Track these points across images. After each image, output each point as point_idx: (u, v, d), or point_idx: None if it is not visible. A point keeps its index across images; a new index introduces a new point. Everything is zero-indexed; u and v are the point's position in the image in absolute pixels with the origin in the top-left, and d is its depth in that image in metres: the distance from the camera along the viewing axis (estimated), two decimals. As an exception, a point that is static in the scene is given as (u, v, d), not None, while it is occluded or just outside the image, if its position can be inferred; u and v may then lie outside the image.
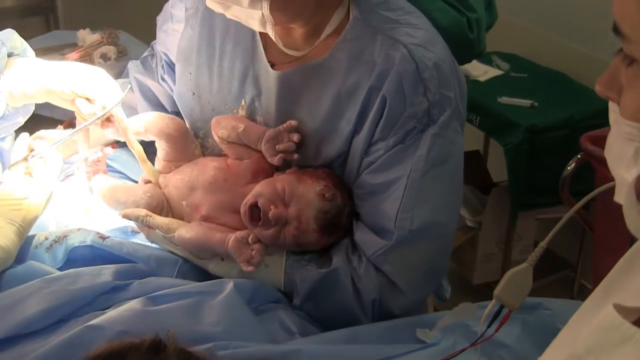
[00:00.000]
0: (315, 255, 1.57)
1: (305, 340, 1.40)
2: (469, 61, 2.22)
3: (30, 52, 1.60)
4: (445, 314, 1.43)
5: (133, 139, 1.64)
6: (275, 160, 1.58)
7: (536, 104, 3.01)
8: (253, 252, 1.50)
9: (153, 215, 1.60)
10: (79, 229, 1.56)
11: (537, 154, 2.89)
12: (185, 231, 1.57)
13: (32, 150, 1.56)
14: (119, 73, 2.23)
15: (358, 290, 1.50)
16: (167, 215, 1.63)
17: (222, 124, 1.65)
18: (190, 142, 1.72)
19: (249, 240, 1.51)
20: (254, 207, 1.52)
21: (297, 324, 1.45)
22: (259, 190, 1.54)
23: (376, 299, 1.50)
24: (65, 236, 1.53)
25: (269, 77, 1.59)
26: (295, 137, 1.56)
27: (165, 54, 1.80)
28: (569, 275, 3.38)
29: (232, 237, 1.51)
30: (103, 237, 1.53)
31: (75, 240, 1.51)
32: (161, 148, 1.71)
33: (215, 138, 1.67)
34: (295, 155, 1.57)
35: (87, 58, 2.77)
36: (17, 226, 1.43)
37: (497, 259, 3.24)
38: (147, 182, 1.70)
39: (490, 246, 3.24)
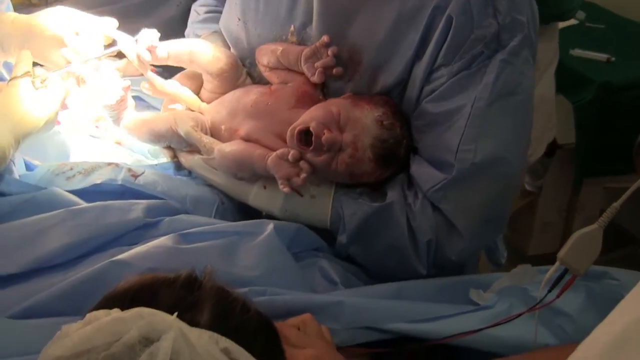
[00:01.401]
0: (367, 189, 1.58)
1: (348, 292, 1.42)
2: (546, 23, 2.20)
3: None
4: (502, 276, 1.45)
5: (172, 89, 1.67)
6: (316, 77, 1.59)
7: (613, 58, 2.98)
8: (302, 166, 1.51)
9: (197, 130, 1.63)
10: (109, 164, 1.59)
11: (609, 115, 2.86)
12: (226, 146, 1.59)
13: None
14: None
15: (412, 230, 1.51)
16: None
17: (263, 51, 1.69)
18: (239, 75, 1.75)
19: (290, 157, 1.51)
20: (303, 132, 1.53)
21: (339, 274, 1.47)
22: (312, 114, 1.55)
23: (432, 241, 1.50)
24: (94, 170, 1.55)
25: None
26: (331, 50, 1.57)
27: None
28: (636, 252, 3.36)
29: (274, 153, 1.53)
30: (135, 175, 1.55)
31: (103, 177, 1.54)
32: (209, 81, 1.74)
33: (259, 67, 1.71)
34: (335, 70, 1.58)
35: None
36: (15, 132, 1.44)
37: (557, 229, 3.24)
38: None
39: (550, 214, 3.24)
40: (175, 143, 1.68)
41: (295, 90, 1.63)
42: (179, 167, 1.70)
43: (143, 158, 1.77)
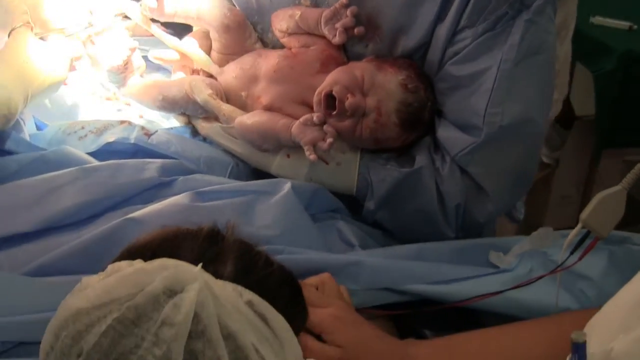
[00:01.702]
0: (393, 154, 1.59)
1: (366, 252, 1.43)
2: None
3: None
4: (522, 239, 1.45)
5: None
6: (338, 38, 1.59)
7: (635, 26, 2.96)
8: (327, 130, 1.51)
9: (216, 98, 1.63)
10: (122, 122, 1.60)
11: (631, 85, 2.84)
12: (247, 117, 1.59)
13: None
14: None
15: (441, 194, 1.53)
16: None
17: (280, 17, 1.68)
18: (248, 35, 1.74)
19: (316, 119, 1.52)
20: (329, 96, 1.53)
21: (357, 237, 1.48)
22: (335, 77, 1.55)
23: (460, 205, 1.52)
24: (106, 128, 1.56)
25: None
26: (350, 10, 1.57)
27: None
28: (654, 226, 3.37)
29: (297, 121, 1.54)
30: (148, 134, 1.56)
31: (116, 135, 1.55)
32: (216, 40, 1.74)
33: (276, 33, 1.70)
34: (357, 29, 1.58)
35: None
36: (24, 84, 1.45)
37: (574, 203, 3.23)
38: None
39: (567, 187, 3.23)
40: (191, 110, 1.68)
41: (320, 54, 1.63)
42: (195, 132, 1.70)
43: (155, 120, 1.77)
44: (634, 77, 2.83)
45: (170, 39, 1.72)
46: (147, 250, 0.89)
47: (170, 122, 1.75)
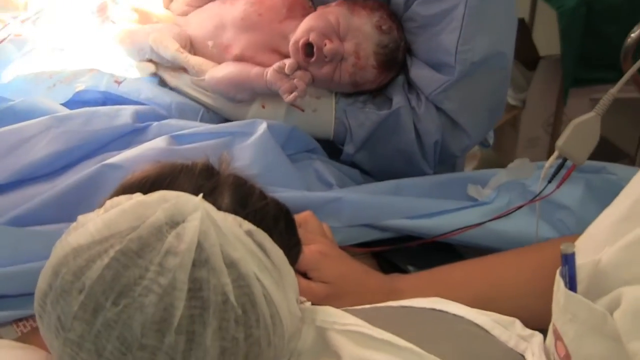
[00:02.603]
0: (369, 96, 1.66)
1: (346, 190, 1.49)
2: None
3: None
4: (499, 172, 1.53)
5: None
6: None
7: (596, -39, 3.01)
8: (295, 80, 1.56)
9: (185, 51, 1.67)
10: (91, 70, 1.63)
11: (595, 20, 2.91)
12: (217, 70, 1.63)
13: None
14: None
15: (419, 132, 1.61)
16: None
17: None
18: None
19: (287, 69, 1.56)
20: (306, 44, 1.58)
21: (335, 176, 1.54)
22: (310, 24, 1.60)
23: (438, 141, 1.61)
24: (75, 77, 1.60)
25: None
26: None
27: None
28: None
29: (270, 68, 1.58)
30: (119, 82, 1.60)
31: (85, 84, 1.58)
32: None
33: None
34: None
35: None
36: None
37: (543, 144, 3.31)
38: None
39: (534, 128, 3.30)
40: (157, 57, 1.72)
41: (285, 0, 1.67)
42: (163, 83, 1.74)
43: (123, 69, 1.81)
44: (598, 11, 2.90)
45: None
46: (144, 184, 0.93)
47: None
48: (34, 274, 0.89)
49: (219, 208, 0.90)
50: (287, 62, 1.57)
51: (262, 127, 1.49)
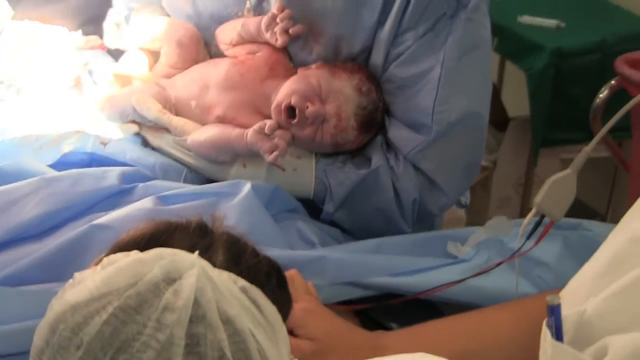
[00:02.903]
0: (348, 156, 1.71)
1: (328, 249, 1.53)
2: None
3: None
4: (478, 229, 1.57)
5: None
6: (279, 41, 1.68)
7: (563, 24, 3.11)
8: (276, 139, 1.60)
9: (167, 112, 1.71)
10: (77, 132, 1.66)
11: (563, 82, 2.99)
12: (199, 134, 1.67)
13: None
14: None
15: (397, 191, 1.65)
16: None
17: (224, 30, 1.78)
18: (201, 50, 1.84)
19: (267, 129, 1.60)
20: (289, 108, 1.62)
21: (316, 235, 1.57)
22: (291, 87, 1.64)
23: (416, 200, 1.65)
24: (62, 139, 1.63)
25: None
26: (286, 12, 1.66)
27: None
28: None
29: (251, 129, 1.62)
30: (104, 143, 1.64)
31: (72, 145, 1.62)
32: (167, 54, 1.83)
33: (221, 47, 1.80)
34: (292, 29, 1.66)
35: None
36: None
37: (514, 204, 3.37)
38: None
39: (506, 189, 3.36)
40: (139, 118, 1.75)
41: (267, 59, 1.72)
42: (146, 143, 1.77)
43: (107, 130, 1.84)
44: (566, 73, 2.99)
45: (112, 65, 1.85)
46: (140, 242, 0.95)
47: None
48: (24, 333, 0.93)
49: (214, 265, 0.92)
50: (268, 122, 1.61)
51: (247, 187, 1.52)
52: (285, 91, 1.64)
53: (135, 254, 0.91)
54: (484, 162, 3.34)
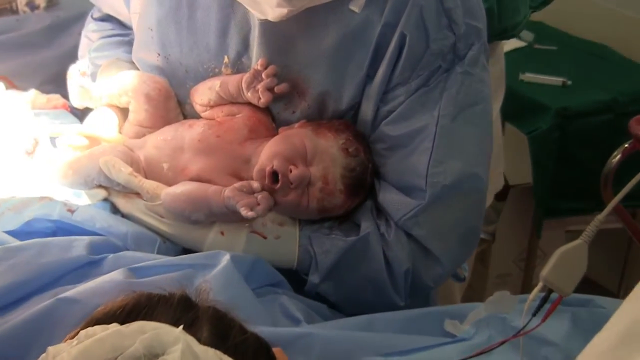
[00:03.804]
0: (335, 222, 1.75)
1: (316, 325, 1.56)
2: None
3: None
4: (478, 305, 1.60)
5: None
6: (263, 99, 1.73)
7: (569, 82, 3.19)
8: (258, 197, 1.63)
9: (138, 175, 1.74)
10: (42, 198, 1.71)
11: (569, 145, 3.05)
12: (175, 187, 1.71)
13: None
14: (51, 25, 2.43)
15: (388, 260, 1.69)
16: None
17: (199, 91, 1.84)
18: (172, 107, 1.90)
19: (255, 188, 1.64)
20: (273, 172, 1.66)
21: (302, 311, 1.60)
22: (273, 149, 1.69)
23: (409, 270, 1.69)
24: (25, 205, 1.67)
25: (255, 25, 1.74)
26: (270, 69, 1.71)
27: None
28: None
29: (231, 186, 1.66)
30: (72, 210, 1.68)
31: (37, 212, 1.66)
32: (136, 111, 1.88)
33: (197, 108, 1.85)
34: (277, 88, 1.72)
35: (7, 6, 2.90)
36: None
37: (515, 281, 3.40)
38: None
39: (506, 264, 3.40)
40: (106, 182, 1.78)
41: (247, 120, 1.78)
42: (115, 209, 1.82)
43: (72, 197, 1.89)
44: (573, 135, 3.04)
45: (76, 126, 1.90)
46: (120, 314, 0.99)
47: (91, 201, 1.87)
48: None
49: (199, 341, 0.96)
50: (253, 183, 1.65)
51: (225, 258, 1.56)
52: (266, 154, 1.69)
53: (114, 327, 0.95)
54: (482, 235, 3.36)
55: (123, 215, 1.79)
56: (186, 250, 1.73)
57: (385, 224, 1.71)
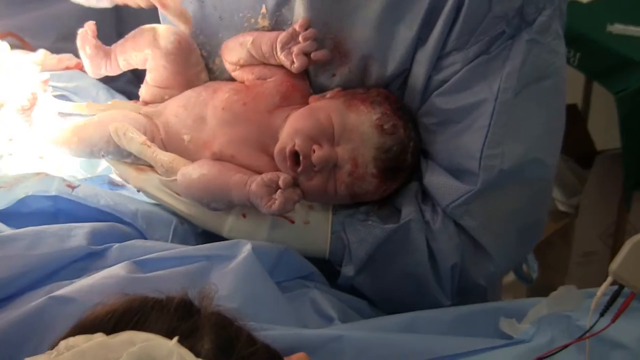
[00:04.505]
0: (372, 206, 1.71)
1: (348, 325, 1.52)
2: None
3: None
4: (540, 301, 1.55)
5: None
6: (297, 65, 1.69)
7: (665, 33, 3.07)
8: (277, 195, 1.59)
9: (152, 145, 1.71)
10: (37, 174, 1.68)
11: (665, 106, 2.94)
12: (192, 169, 1.67)
13: None
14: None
15: (433, 253, 1.64)
16: None
17: (230, 47, 1.80)
18: (194, 63, 1.86)
19: (282, 183, 1.60)
20: (294, 153, 1.62)
21: (337, 308, 1.57)
22: (295, 125, 1.65)
23: (456, 265, 1.64)
24: (18, 182, 1.65)
25: None
26: (310, 32, 1.67)
27: None
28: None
29: (259, 178, 1.62)
30: (72, 186, 1.65)
31: (32, 188, 1.63)
32: (153, 69, 1.85)
33: (227, 67, 1.82)
34: (314, 54, 1.68)
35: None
36: None
37: (602, 260, 3.30)
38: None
39: (591, 240, 3.32)
40: (115, 153, 1.77)
41: (279, 86, 1.74)
42: (114, 183, 1.81)
43: (74, 174, 1.87)
44: (667, 97, 2.93)
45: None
46: (107, 322, 0.96)
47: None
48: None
49: (198, 355, 0.93)
50: (282, 177, 1.61)
51: (246, 248, 1.53)
52: (287, 131, 1.66)
53: (100, 337, 0.93)
54: (563, 207, 3.32)
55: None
56: (208, 235, 1.71)
57: (432, 210, 1.67)
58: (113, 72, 1.93)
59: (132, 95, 2.01)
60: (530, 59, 1.62)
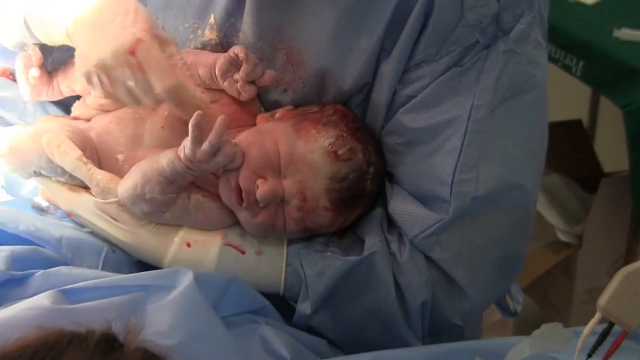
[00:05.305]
0: (332, 235, 1.71)
1: None
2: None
3: None
4: (521, 340, 1.55)
5: None
6: (245, 94, 1.69)
7: (679, 39, 3.08)
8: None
9: (88, 162, 1.68)
10: None
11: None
12: (124, 180, 1.64)
13: None
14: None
15: (401, 289, 1.64)
16: None
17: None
18: None
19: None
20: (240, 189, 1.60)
21: (290, 347, 1.55)
22: None
23: (427, 302, 1.63)
24: None
25: None
26: (252, 59, 1.67)
27: None
28: None
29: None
30: None
31: None
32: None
33: None
34: (261, 80, 1.69)
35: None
36: None
37: (608, 297, 3.33)
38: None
39: (597, 275, 3.32)
40: (47, 169, 1.73)
41: (225, 107, 1.73)
42: (39, 207, 1.79)
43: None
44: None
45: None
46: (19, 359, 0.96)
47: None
48: None
49: None
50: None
51: (187, 277, 1.52)
52: None
53: None
54: (565, 238, 3.32)
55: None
56: (142, 263, 1.70)
57: (399, 240, 1.66)
58: (54, 97, 1.91)
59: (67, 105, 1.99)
60: (507, 71, 1.62)
